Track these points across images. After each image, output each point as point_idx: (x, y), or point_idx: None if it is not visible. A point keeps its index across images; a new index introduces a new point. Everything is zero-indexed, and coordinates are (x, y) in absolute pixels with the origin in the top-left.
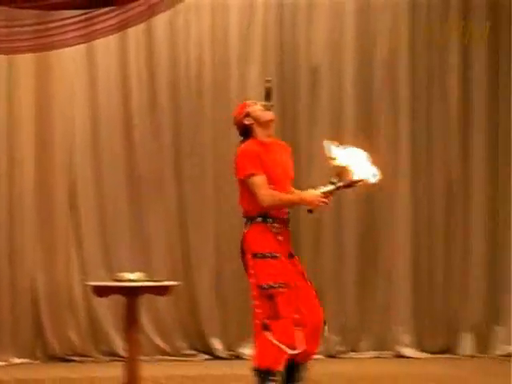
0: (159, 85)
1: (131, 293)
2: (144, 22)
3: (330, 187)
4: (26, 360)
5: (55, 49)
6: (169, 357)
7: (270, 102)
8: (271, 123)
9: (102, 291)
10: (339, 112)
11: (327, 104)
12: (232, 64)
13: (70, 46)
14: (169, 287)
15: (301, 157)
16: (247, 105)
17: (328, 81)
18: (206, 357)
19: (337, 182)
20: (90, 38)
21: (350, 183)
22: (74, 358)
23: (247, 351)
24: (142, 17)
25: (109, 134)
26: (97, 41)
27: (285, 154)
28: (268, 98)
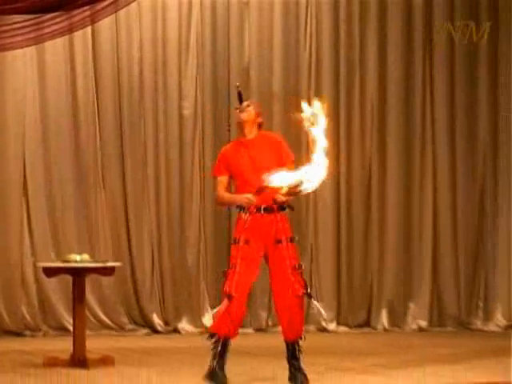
0: (103, 82)
1: (78, 273)
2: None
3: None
4: None
5: (8, 50)
6: (112, 331)
7: (244, 104)
8: (244, 124)
9: (51, 272)
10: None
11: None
12: (170, 62)
13: (22, 48)
14: (112, 268)
15: None
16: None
17: (257, 79)
18: (147, 331)
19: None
20: (40, 41)
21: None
22: (26, 333)
23: (183, 326)
24: (87, 21)
25: (57, 127)
26: (46, 43)
27: (263, 148)
28: (240, 101)
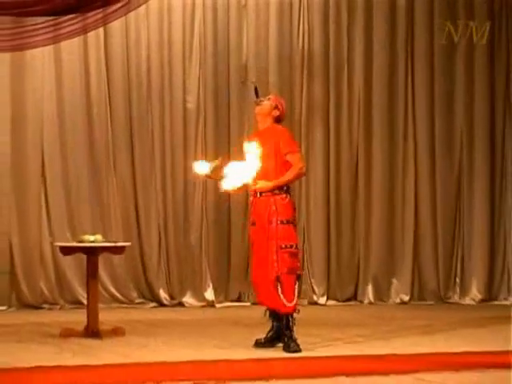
0: (114, 80)
1: (91, 252)
2: (102, 27)
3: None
4: (3, 307)
5: (28, 49)
6: (123, 304)
7: (258, 99)
8: (257, 116)
9: (67, 251)
10: None
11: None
12: (175, 60)
13: (41, 47)
14: (122, 247)
15: (231, 145)
16: None
17: (254, 75)
18: (154, 304)
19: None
20: (57, 40)
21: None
22: (44, 306)
23: (187, 299)
24: (100, 23)
25: (72, 122)
26: (62, 42)
27: (267, 139)
28: (256, 95)
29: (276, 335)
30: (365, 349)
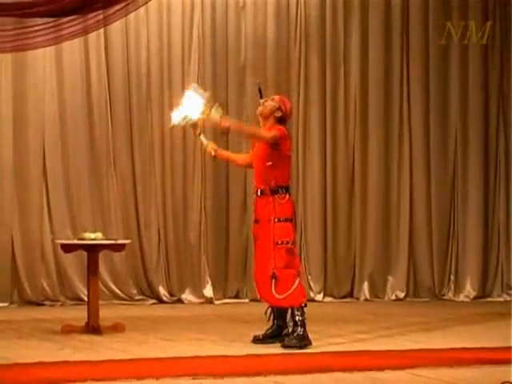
0: (114, 80)
1: (92, 249)
2: (102, 28)
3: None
4: (5, 304)
5: (30, 49)
6: (123, 301)
7: (262, 99)
8: (259, 116)
9: (68, 248)
10: None
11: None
12: (175, 61)
13: (42, 47)
14: (122, 245)
15: (229, 146)
16: None
17: (252, 76)
18: (154, 301)
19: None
20: (58, 41)
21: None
22: (45, 303)
23: (186, 296)
24: (100, 24)
25: (73, 121)
26: (63, 43)
27: None
28: (260, 96)
29: (276, 333)
30: (361, 345)
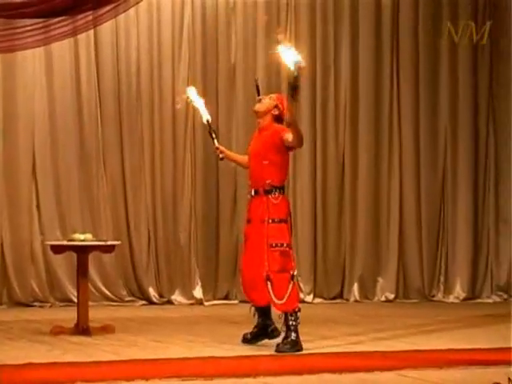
0: (104, 79)
1: (82, 250)
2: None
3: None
4: None
5: (19, 50)
6: (113, 302)
7: (259, 96)
8: (256, 113)
9: (58, 249)
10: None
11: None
12: (165, 61)
13: (32, 48)
14: (112, 246)
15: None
16: None
17: (242, 76)
18: (143, 302)
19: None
20: (47, 42)
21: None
22: (35, 304)
23: (176, 297)
24: (90, 25)
25: (63, 120)
26: (52, 44)
27: (263, 137)
28: (257, 93)
29: (261, 332)
30: (351, 346)
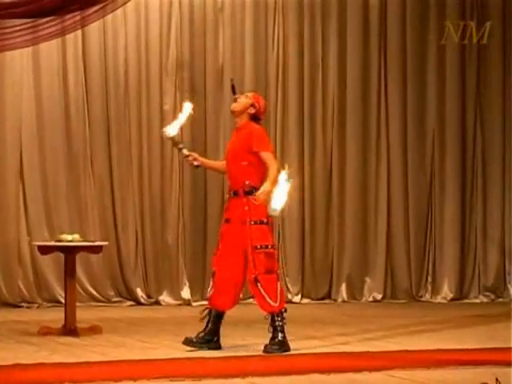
0: (92, 79)
1: (69, 251)
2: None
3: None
4: None
5: (7, 50)
6: (100, 303)
7: (235, 96)
8: (232, 113)
9: (46, 250)
10: None
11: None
12: (152, 61)
13: (20, 48)
14: (100, 246)
15: (207, 146)
16: None
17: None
18: (131, 303)
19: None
20: (36, 42)
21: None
22: (22, 304)
23: (164, 298)
24: (78, 25)
25: (50, 119)
26: (40, 44)
27: (239, 137)
28: (233, 92)
29: (209, 338)
30: (339, 346)
